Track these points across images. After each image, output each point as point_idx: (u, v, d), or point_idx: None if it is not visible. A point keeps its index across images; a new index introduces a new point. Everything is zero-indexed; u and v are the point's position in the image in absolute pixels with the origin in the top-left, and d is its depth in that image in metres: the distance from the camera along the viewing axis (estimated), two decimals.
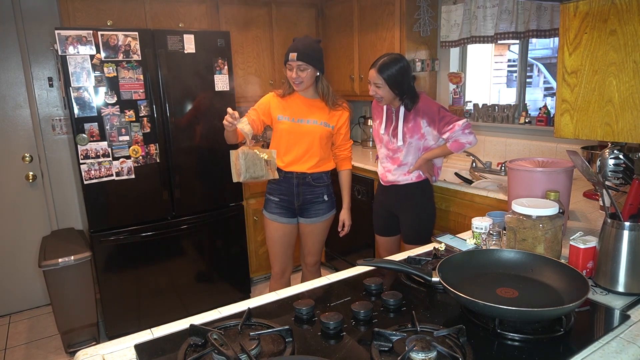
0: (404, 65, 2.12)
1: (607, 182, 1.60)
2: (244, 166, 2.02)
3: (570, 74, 1.28)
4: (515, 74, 3.10)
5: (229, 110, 1.98)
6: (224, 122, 1.99)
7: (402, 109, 2.19)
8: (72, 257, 2.63)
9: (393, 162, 2.27)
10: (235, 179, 2.07)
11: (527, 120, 2.84)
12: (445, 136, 2.15)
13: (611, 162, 1.69)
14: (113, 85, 2.60)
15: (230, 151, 2.06)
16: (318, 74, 2.22)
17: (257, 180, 2.09)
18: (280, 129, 2.26)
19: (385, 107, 2.26)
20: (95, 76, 2.55)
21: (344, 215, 2.43)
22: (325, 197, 2.34)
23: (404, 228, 2.33)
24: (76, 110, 2.53)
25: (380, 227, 2.45)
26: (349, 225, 2.44)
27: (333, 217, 2.43)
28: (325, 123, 2.26)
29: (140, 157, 2.75)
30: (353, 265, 1.43)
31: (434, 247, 1.50)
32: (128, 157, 2.71)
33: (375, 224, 2.48)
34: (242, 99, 3.42)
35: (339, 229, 2.45)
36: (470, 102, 3.26)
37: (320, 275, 2.30)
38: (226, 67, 2.93)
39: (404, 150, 2.22)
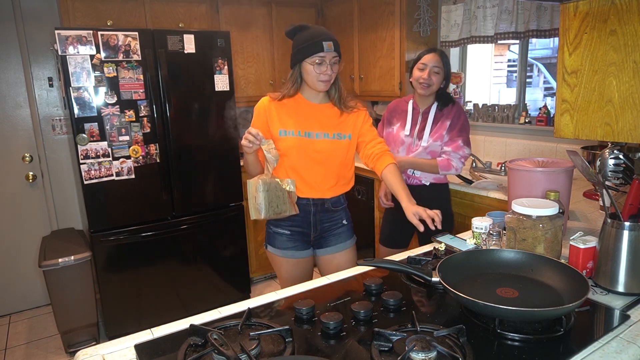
0: None
1: (607, 182, 1.60)
2: (265, 200, 1.62)
3: (570, 74, 1.28)
4: (515, 74, 3.10)
5: (250, 129, 1.58)
6: (243, 142, 1.59)
7: (433, 109, 2.16)
8: (72, 257, 2.63)
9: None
10: (253, 216, 1.67)
11: (527, 120, 2.84)
12: (445, 148, 2.12)
13: (611, 162, 1.69)
14: (113, 85, 2.60)
15: (248, 181, 1.67)
16: None
17: (279, 217, 1.71)
18: (284, 148, 1.72)
19: (411, 107, 2.21)
20: (95, 76, 2.55)
21: (420, 209, 1.58)
22: (344, 221, 1.88)
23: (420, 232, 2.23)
24: (76, 110, 2.53)
25: (386, 237, 2.35)
26: (435, 213, 1.57)
27: (356, 247, 1.93)
28: (339, 135, 1.76)
29: (140, 157, 2.75)
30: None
31: (434, 247, 1.50)
32: (128, 157, 2.71)
33: (382, 233, 2.38)
34: (242, 99, 3.42)
35: (431, 225, 1.54)
36: (470, 102, 3.26)
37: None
38: (226, 67, 2.93)
39: (421, 152, 2.16)
